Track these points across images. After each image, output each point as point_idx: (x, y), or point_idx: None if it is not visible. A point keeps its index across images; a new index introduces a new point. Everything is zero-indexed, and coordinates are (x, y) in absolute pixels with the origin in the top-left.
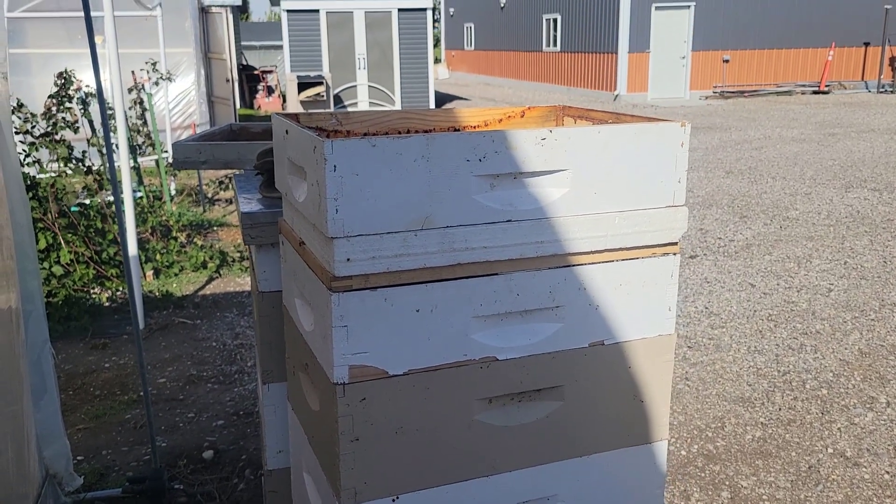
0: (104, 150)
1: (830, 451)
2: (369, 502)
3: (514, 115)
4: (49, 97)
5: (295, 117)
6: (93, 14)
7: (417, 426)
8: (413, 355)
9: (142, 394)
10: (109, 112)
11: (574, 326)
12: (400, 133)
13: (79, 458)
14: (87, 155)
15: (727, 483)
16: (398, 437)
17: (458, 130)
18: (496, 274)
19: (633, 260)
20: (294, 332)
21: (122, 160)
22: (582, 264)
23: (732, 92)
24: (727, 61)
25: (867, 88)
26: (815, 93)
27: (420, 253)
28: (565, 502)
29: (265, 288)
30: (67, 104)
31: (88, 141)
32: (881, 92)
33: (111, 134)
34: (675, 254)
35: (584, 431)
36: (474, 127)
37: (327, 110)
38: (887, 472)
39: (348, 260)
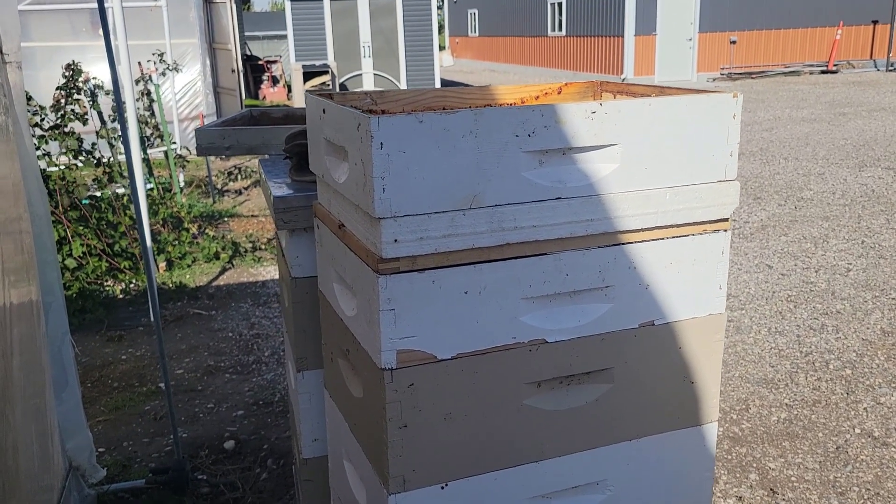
0: (113, 142)
1: (858, 431)
2: (418, 490)
3: (551, 92)
4: (57, 89)
5: (329, 97)
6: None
7: (466, 412)
8: (461, 339)
9: (160, 385)
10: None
11: (624, 307)
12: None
13: (100, 449)
14: (96, 147)
15: (754, 465)
16: (447, 423)
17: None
18: (545, 254)
19: (684, 237)
20: (332, 317)
21: (134, 152)
22: (632, 242)
23: (740, 73)
24: (734, 42)
25: (876, 67)
26: (823, 72)
27: (468, 233)
28: (614, 487)
29: (298, 274)
30: (76, 96)
31: (98, 133)
32: (890, 70)
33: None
34: (725, 230)
35: (633, 415)
36: (511, 104)
37: (360, 90)
38: None
39: (396, 241)
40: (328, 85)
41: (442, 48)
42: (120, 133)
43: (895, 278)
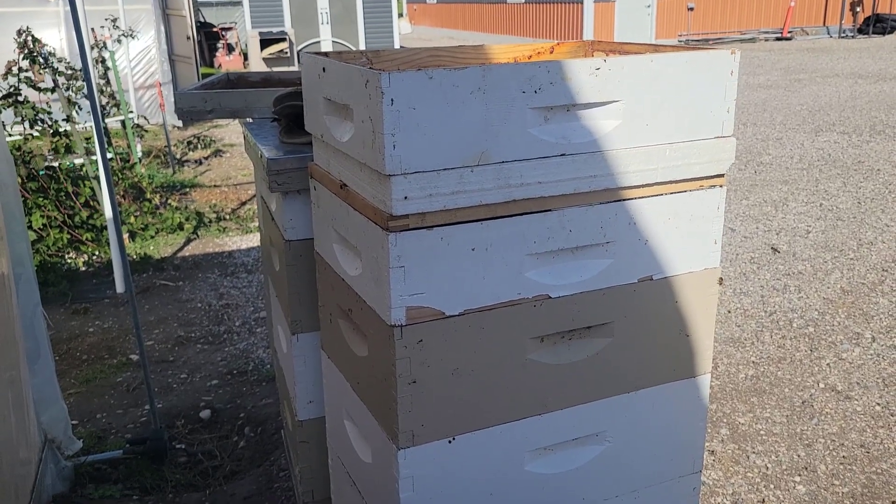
0: (69, 112)
1: (822, 385)
2: (426, 444)
3: (544, 52)
4: (15, 54)
5: (325, 56)
6: None
7: (473, 367)
8: (469, 295)
9: (131, 357)
10: (71, 72)
11: (624, 262)
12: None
13: (73, 422)
14: (53, 118)
15: (725, 420)
16: (454, 379)
17: None
18: (550, 210)
19: (682, 193)
20: (331, 278)
21: (94, 121)
22: (632, 198)
23: (697, 40)
24: (692, 9)
25: (829, 34)
26: (777, 39)
27: (476, 189)
28: (613, 438)
29: (292, 237)
30: (31, 63)
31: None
32: (842, 37)
33: (75, 94)
34: (721, 186)
35: (631, 367)
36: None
37: (357, 49)
38: (878, 404)
39: (406, 198)
40: (286, 52)
41: (400, 15)
42: (74, 101)
43: (853, 239)
